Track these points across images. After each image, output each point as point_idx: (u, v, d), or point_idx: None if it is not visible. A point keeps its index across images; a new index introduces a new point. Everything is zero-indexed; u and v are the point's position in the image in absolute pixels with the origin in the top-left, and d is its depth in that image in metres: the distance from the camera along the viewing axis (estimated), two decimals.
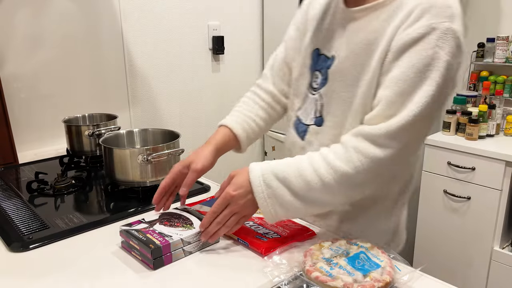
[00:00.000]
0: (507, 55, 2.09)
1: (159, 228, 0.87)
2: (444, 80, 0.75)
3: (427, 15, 0.75)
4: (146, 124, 1.94)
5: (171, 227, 0.88)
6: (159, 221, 0.90)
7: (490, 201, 1.87)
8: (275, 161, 0.85)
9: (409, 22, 0.76)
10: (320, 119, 0.95)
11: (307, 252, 0.80)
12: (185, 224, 0.89)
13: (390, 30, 0.79)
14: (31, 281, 0.78)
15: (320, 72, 0.95)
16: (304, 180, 0.79)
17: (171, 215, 0.93)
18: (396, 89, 0.77)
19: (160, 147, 1.10)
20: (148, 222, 0.89)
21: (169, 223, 0.89)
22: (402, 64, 0.76)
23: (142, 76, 1.91)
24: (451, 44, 0.74)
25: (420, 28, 0.75)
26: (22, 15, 1.51)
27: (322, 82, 0.94)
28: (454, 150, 1.95)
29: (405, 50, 0.76)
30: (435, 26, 0.74)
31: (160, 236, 0.83)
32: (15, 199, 1.12)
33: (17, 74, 1.53)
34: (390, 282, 0.72)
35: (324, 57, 0.94)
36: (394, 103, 0.77)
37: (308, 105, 0.98)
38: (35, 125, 1.60)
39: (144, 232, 0.85)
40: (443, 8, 0.75)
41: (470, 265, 1.99)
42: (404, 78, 0.76)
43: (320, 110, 0.95)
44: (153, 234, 0.84)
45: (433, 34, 0.74)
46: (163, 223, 0.89)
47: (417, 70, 0.75)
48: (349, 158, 0.78)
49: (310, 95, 0.98)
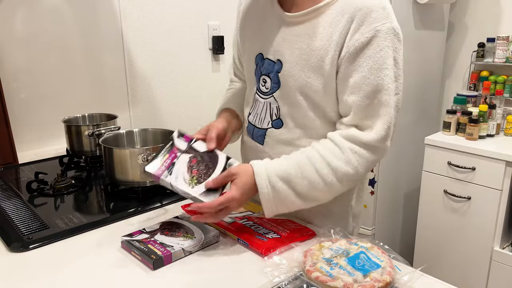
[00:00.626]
0: (507, 55, 2.09)
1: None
2: (398, 73, 0.86)
3: (369, 19, 0.83)
4: (146, 124, 1.93)
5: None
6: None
7: (490, 201, 1.87)
8: (277, 161, 0.89)
9: (354, 27, 0.84)
10: (278, 122, 0.98)
11: (307, 252, 0.80)
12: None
13: (337, 36, 0.85)
14: (31, 281, 0.78)
15: (269, 76, 0.97)
16: (308, 181, 0.85)
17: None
18: (362, 93, 0.85)
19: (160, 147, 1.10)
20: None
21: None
22: (360, 69, 0.84)
23: (142, 76, 1.91)
24: (394, 40, 0.84)
25: (366, 32, 0.83)
26: (22, 15, 1.51)
27: (273, 86, 0.96)
28: (454, 150, 1.95)
29: (357, 54, 0.84)
30: (379, 28, 0.83)
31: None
32: (15, 199, 1.12)
33: (17, 74, 1.53)
34: (390, 282, 0.72)
35: (269, 61, 0.96)
36: (365, 106, 0.85)
37: (259, 110, 1.01)
38: (35, 125, 1.60)
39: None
40: (380, 11, 0.83)
41: (470, 265, 1.99)
42: (366, 81, 0.84)
43: (277, 113, 0.97)
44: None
45: (379, 36, 0.83)
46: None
47: (375, 71, 0.84)
48: (347, 159, 0.86)
49: (260, 99, 1.00)
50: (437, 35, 2.27)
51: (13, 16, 1.49)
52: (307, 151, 0.89)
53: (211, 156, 0.92)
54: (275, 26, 0.95)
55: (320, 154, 0.87)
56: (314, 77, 0.89)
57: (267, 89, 0.98)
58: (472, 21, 2.32)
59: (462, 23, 2.36)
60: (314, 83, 0.89)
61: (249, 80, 1.05)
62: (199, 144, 0.94)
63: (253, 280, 0.77)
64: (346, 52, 0.85)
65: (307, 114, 0.93)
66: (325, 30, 0.87)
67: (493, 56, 2.16)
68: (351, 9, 0.84)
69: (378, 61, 0.83)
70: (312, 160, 0.86)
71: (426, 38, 2.18)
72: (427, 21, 2.15)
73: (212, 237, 0.89)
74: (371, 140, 0.86)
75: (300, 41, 0.90)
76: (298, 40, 0.91)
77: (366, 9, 0.83)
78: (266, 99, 0.98)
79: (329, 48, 0.86)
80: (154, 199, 1.11)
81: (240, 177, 0.86)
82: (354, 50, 0.84)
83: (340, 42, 0.85)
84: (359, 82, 0.85)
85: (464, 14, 2.34)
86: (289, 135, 0.97)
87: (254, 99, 1.02)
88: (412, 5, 2.03)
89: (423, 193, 2.12)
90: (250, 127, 1.04)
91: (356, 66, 0.85)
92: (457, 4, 2.34)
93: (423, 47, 2.17)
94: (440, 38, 2.30)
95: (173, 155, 0.90)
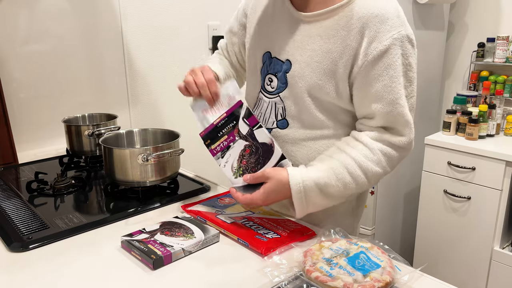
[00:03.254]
0: (507, 55, 2.09)
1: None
2: (413, 76, 0.90)
3: (386, 27, 0.84)
4: (146, 124, 1.93)
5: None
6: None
7: (490, 201, 1.87)
8: (312, 168, 0.90)
9: (371, 35, 0.84)
10: (284, 122, 0.98)
11: (307, 252, 0.80)
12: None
13: (351, 40, 0.86)
14: (31, 281, 0.78)
15: (276, 76, 0.96)
16: (343, 183, 0.88)
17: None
18: (385, 101, 0.87)
19: (160, 147, 1.10)
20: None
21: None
22: (380, 78, 0.86)
23: (142, 76, 1.91)
24: (409, 47, 0.87)
25: (384, 41, 0.84)
26: (22, 15, 1.51)
27: (280, 86, 0.96)
28: (454, 150, 1.95)
29: (376, 63, 0.85)
30: (396, 36, 0.84)
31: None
32: (15, 199, 1.12)
33: (17, 74, 1.53)
34: (390, 282, 0.72)
35: (277, 61, 0.96)
36: (387, 113, 0.88)
37: (263, 109, 1.00)
38: (35, 125, 1.60)
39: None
40: (395, 20, 0.85)
41: (470, 265, 1.99)
42: (388, 90, 0.87)
43: (283, 113, 0.97)
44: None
45: (396, 44, 0.85)
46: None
47: (396, 79, 0.86)
48: (377, 160, 0.89)
49: (264, 98, 0.99)
50: (437, 35, 2.27)
51: (13, 16, 1.49)
52: (337, 154, 0.90)
53: (266, 150, 0.92)
54: (285, 25, 0.94)
55: (351, 156, 0.88)
56: (325, 80, 0.89)
57: (272, 88, 0.97)
58: (472, 21, 2.32)
59: (462, 23, 2.36)
60: (326, 86, 0.90)
61: (251, 77, 1.04)
62: (261, 132, 0.92)
63: (253, 280, 0.77)
64: (364, 60, 0.86)
65: (315, 115, 0.93)
66: (339, 33, 0.87)
67: (493, 56, 2.16)
68: (366, 14, 0.84)
69: (397, 69, 0.86)
70: (344, 163, 0.88)
71: (426, 38, 2.18)
72: (427, 21, 2.15)
73: (212, 237, 0.89)
74: (401, 142, 0.90)
75: (312, 42, 0.90)
76: (309, 41, 0.90)
77: (382, 16, 0.84)
78: (272, 98, 0.98)
79: (343, 52, 0.87)
80: (154, 199, 1.11)
81: (271, 181, 0.88)
82: (372, 58, 0.85)
83: (354, 47, 0.86)
84: (381, 90, 0.87)
85: (464, 14, 2.34)
86: (295, 136, 0.97)
87: (258, 98, 1.01)
88: (412, 5, 2.03)
89: (423, 193, 2.12)
90: None
91: (376, 75, 0.86)
92: (457, 4, 2.34)
93: (423, 47, 2.17)
94: (440, 38, 2.30)
95: (232, 138, 0.92)
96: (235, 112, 0.93)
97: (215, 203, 1.05)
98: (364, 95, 0.89)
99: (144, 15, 1.86)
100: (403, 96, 0.88)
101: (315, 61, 0.89)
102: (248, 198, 0.89)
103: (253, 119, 0.92)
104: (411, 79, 0.89)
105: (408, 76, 0.89)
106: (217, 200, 1.07)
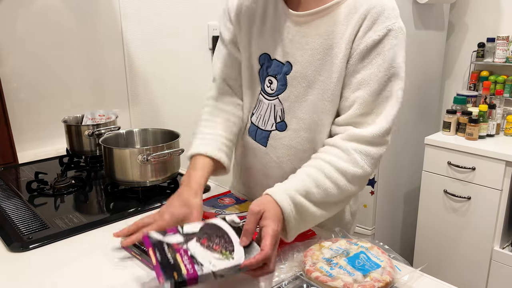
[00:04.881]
0: (507, 55, 2.09)
1: (194, 247, 0.72)
2: (403, 70, 0.86)
3: (382, 18, 0.84)
4: (146, 124, 1.93)
5: (208, 249, 0.72)
6: (197, 236, 0.74)
7: (490, 201, 1.87)
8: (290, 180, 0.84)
9: (367, 25, 0.84)
10: (282, 124, 0.96)
11: (307, 252, 0.80)
12: (225, 251, 0.72)
13: (349, 33, 0.85)
14: (31, 281, 0.78)
15: (275, 78, 0.95)
16: (323, 189, 0.83)
17: (213, 229, 0.76)
18: (369, 89, 0.85)
19: (160, 147, 1.10)
20: (185, 235, 0.74)
21: (207, 243, 0.73)
22: (369, 66, 0.85)
23: (142, 76, 1.91)
24: (401, 39, 0.86)
25: (379, 31, 0.83)
26: (22, 15, 1.51)
27: (280, 88, 0.95)
28: (454, 150, 1.95)
29: (368, 52, 0.84)
30: (390, 27, 0.84)
31: (190, 261, 0.69)
32: (15, 199, 1.12)
33: (17, 74, 1.53)
34: (390, 282, 0.72)
35: (277, 63, 0.95)
36: (369, 102, 0.85)
37: (263, 111, 0.99)
38: (35, 125, 1.60)
39: (175, 250, 0.70)
40: (391, 10, 0.84)
41: (470, 265, 1.99)
42: (374, 78, 0.84)
43: (281, 115, 0.96)
44: (183, 256, 0.69)
45: (390, 35, 0.84)
46: (200, 241, 0.73)
47: (384, 69, 0.84)
48: (353, 160, 0.84)
49: (264, 100, 0.99)
50: (437, 35, 2.27)
51: (13, 16, 1.49)
52: (312, 162, 0.86)
53: (208, 227, 0.77)
54: (281, 26, 0.93)
55: (325, 161, 0.84)
56: (327, 75, 0.88)
57: (272, 90, 0.96)
58: (472, 21, 2.32)
59: (462, 23, 2.36)
60: (328, 82, 0.88)
61: (249, 80, 1.02)
62: (188, 227, 0.77)
63: (253, 280, 0.76)
64: (356, 49, 0.85)
65: (316, 117, 0.92)
66: (338, 28, 0.86)
67: (493, 56, 2.16)
68: (364, 6, 0.84)
69: (387, 59, 0.84)
70: (320, 168, 0.83)
71: (426, 38, 2.18)
72: (427, 21, 2.15)
73: None
74: (372, 134, 0.84)
75: (311, 41, 0.89)
76: (309, 41, 0.89)
77: (380, 7, 0.84)
78: (271, 100, 0.97)
79: (341, 45, 0.86)
80: (154, 199, 1.11)
81: (267, 208, 0.76)
82: (365, 47, 0.84)
83: (351, 39, 0.85)
84: (367, 78, 0.85)
85: (464, 14, 2.34)
86: (294, 138, 0.95)
87: (258, 100, 1.00)
88: (412, 5, 2.03)
89: (423, 193, 2.12)
90: (253, 128, 1.02)
91: (366, 63, 0.85)
92: (457, 4, 2.34)
93: (423, 47, 2.17)
94: (440, 38, 2.30)
95: (182, 251, 0.71)
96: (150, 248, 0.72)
97: (215, 203, 1.05)
98: (348, 83, 0.87)
99: (144, 15, 1.86)
100: (388, 84, 0.85)
101: (316, 59, 0.89)
102: (262, 254, 0.70)
103: (170, 230, 0.76)
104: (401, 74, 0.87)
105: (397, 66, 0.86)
106: (217, 200, 1.07)
